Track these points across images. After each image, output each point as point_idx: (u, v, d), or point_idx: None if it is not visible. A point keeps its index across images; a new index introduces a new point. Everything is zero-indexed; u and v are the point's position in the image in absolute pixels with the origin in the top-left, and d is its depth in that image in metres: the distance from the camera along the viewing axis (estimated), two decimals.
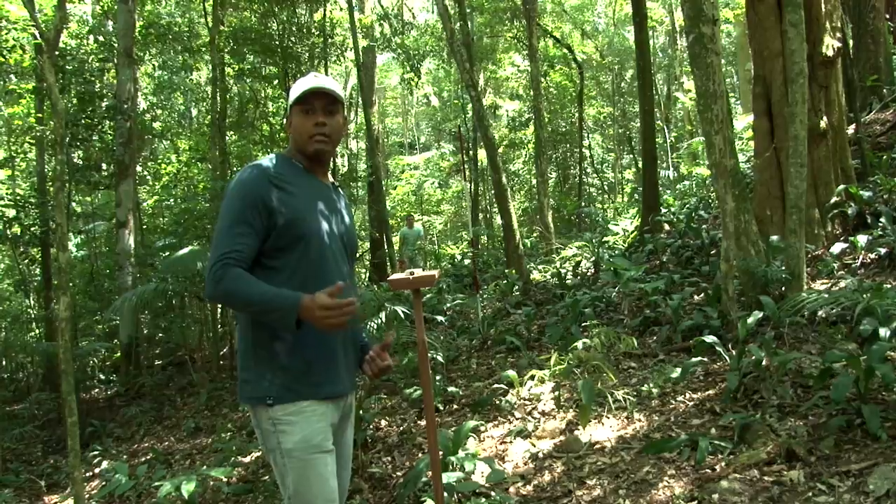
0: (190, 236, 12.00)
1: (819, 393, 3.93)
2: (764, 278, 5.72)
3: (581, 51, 22.03)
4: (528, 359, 6.31)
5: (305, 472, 2.13)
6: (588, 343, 5.72)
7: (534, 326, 7.68)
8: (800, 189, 5.62)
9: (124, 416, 8.72)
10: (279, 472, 2.17)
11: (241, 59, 14.29)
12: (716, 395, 4.49)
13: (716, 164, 5.72)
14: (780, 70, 7.00)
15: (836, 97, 7.34)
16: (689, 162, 19.94)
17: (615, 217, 17.13)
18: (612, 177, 24.98)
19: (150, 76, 17.40)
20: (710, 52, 5.72)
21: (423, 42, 19.71)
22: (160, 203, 15.36)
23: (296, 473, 2.13)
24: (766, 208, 7.32)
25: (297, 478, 2.13)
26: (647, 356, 5.83)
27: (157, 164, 16.40)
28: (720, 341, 4.99)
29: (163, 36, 13.75)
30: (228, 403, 8.26)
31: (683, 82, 23.09)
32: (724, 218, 5.69)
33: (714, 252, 8.04)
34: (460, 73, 10.59)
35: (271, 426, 2.14)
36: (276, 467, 2.17)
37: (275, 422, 2.13)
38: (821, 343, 4.97)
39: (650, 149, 10.84)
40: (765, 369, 4.34)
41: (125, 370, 10.42)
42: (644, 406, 4.65)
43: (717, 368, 5.01)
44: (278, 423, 2.13)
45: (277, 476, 2.19)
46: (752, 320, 4.95)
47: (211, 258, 2.09)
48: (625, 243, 11.22)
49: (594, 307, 7.45)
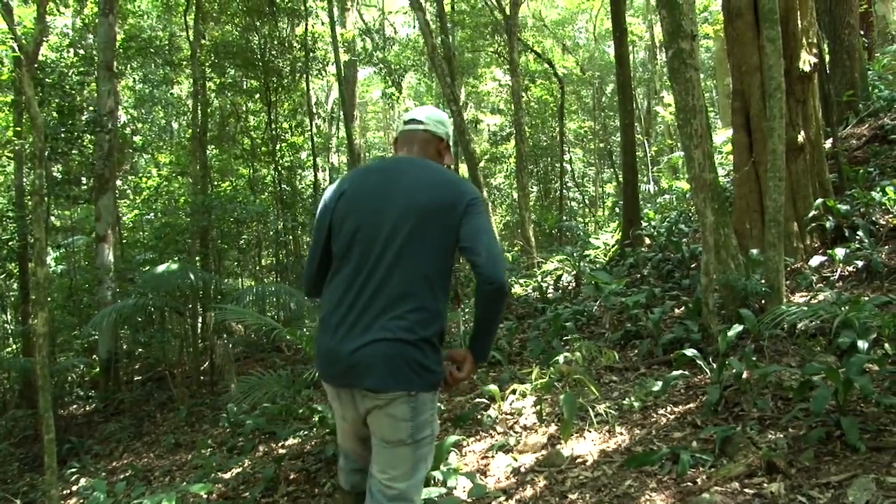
0: (171, 251, 11.96)
1: (799, 405, 3.95)
2: (744, 291, 5.74)
3: (562, 65, 22.17)
4: (510, 373, 6.28)
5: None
6: (569, 357, 5.70)
7: (515, 340, 7.66)
8: (778, 202, 5.67)
9: (103, 433, 8.62)
10: (423, 454, 2.47)
11: (222, 72, 14.30)
12: (697, 408, 4.50)
13: (695, 177, 5.76)
14: (758, 85, 7.08)
15: (814, 112, 7.42)
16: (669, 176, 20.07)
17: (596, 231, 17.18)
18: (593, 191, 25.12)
19: (131, 89, 17.34)
20: (689, 68, 5.77)
21: (404, 57, 19.78)
22: (140, 217, 15.27)
23: (431, 450, 2.54)
24: (745, 222, 7.37)
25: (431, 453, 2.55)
26: (629, 370, 5.83)
27: (138, 178, 16.35)
28: (701, 354, 5.01)
29: (144, 49, 13.72)
30: (209, 419, 8.19)
31: (663, 97, 23.29)
32: (704, 231, 5.73)
33: (694, 265, 8.07)
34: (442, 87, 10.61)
35: (433, 410, 2.47)
36: (421, 449, 2.44)
37: (434, 406, 2.48)
38: (800, 355, 5.00)
39: (631, 163, 10.89)
40: (745, 382, 4.36)
41: (104, 386, 10.32)
42: (626, 420, 4.64)
43: (697, 381, 5.02)
44: (435, 409, 2.49)
45: (416, 459, 2.45)
46: (732, 333, 4.96)
47: (502, 256, 2.43)
48: (606, 257, 11.24)
49: (575, 321, 7.45)
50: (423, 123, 2.74)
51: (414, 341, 2.36)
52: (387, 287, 2.39)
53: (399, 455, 2.42)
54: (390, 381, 2.34)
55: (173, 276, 8.46)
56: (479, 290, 2.39)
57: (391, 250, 2.41)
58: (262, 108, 15.45)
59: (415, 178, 2.50)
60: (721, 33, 14.99)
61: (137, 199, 15.72)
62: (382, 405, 2.38)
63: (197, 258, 12.14)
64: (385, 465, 2.44)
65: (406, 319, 2.37)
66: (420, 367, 2.37)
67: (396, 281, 2.39)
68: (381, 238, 2.43)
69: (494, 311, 2.44)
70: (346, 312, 2.42)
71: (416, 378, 2.36)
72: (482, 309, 2.44)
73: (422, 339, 2.37)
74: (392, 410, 2.37)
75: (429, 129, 2.74)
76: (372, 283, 2.40)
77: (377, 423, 2.42)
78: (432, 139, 2.75)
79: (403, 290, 2.38)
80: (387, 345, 2.34)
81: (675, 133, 20.58)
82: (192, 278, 8.75)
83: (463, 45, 19.95)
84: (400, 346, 2.35)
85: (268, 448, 6.05)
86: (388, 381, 2.34)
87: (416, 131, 2.74)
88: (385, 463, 2.44)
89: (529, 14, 23.29)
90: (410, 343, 2.35)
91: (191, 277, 8.72)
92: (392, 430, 2.40)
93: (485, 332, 2.50)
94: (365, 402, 2.41)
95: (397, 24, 23.51)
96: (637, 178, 11.28)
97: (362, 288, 2.41)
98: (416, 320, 2.37)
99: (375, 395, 2.37)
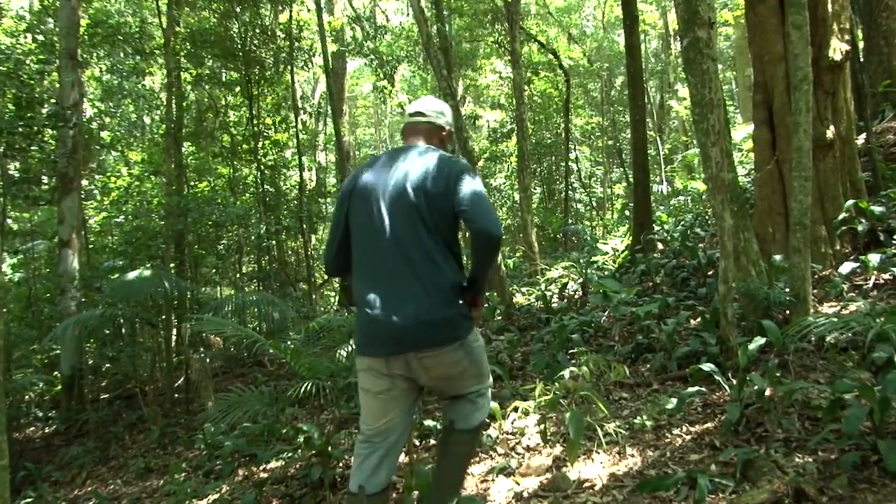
0: (142, 257, 11.90)
1: (829, 426, 3.89)
2: (766, 301, 5.71)
3: (567, 56, 22.20)
4: (511, 389, 6.24)
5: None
6: (576, 372, 5.66)
7: (517, 354, 7.62)
8: (804, 204, 5.63)
9: (64, 458, 8.53)
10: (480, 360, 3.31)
11: (198, 63, 14.25)
12: (715, 429, 4.45)
13: (712, 177, 5.71)
14: (782, 76, 7.04)
15: (845, 104, 7.38)
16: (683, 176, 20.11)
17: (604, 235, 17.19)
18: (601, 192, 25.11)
19: (98, 80, 17.26)
20: (706, 58, 5.73)
21: (397, 47, 19.77)
22: (109, 220, 15.19)
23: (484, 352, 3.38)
24: (767, 225, 7.34)
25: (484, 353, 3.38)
26: (640, 386, 5.78)
27: (106, 177, 16.26)
28: (719, 369, 4.95)
29: (111, 36, 13.65)
30: (183, 440, 8.12)
31: (678, 90, 23.35)
32: (722, 236, 5.68)
33: (711, 273, 8.03)
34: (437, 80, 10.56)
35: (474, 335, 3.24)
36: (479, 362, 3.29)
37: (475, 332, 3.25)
38: (830, 371, 4.95)
39: (642, 161, 10.87)
40: (768, 400, 4.31)
41: (66, 405, 10.22)
42: (637, 440, 4.60)
43: (716, 399, 4.98)
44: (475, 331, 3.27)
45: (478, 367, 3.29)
46: (753, 347, 4.91)
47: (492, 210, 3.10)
48: (615, 264, 11.23)
49: (582, 333, 7.40)
50: (425, 115, 3.44)
51: (447, 301, 3.03)
52: (413, 259, 3.03)
53: (466, 375, 3.25)
54: (442, 337, 3.03)
55: (145, 284, 8.41)
56: (476, 244, 3.05)
57: (409, 226, 3.05)
58: (243, 102, 15.43)
59: (420, 163, 3.16)
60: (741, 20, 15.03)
61: (105, 201, 15.65)
62: (441, 357, 3.06)
63: (171, 265, 12.10)
64: (459, 384, 3.28)
65: (436, 284, 3.02)
66: (460, 319, 3.10)
67: (419, 252, 3.03)
68: (398, 216, 3.07)
69: (490, 260, 3.13)
70: (384, 287, 3.04)
71: (459, 329, 3.09)
72: (479, 259, 3.11)
73: (451, 297, 3.06)
74: (449, 358, 3.09)
75: (430, 120, 3.44)
76: (400, 258, 3.03)
77: (438, 372, 3.12)
78: (434, 129, 3.45)
79: (427, 260, 3.03)
80: (432, 310, 2.99)
81: (691, 129, 20.61)
82: (166, 287, 8.69)
83: (461, 34, 19.97)
84: (439, 308, 3.00)
85: (248, 472, 5.99)
86: (440, 339, 3.03)
87: (419, 122, 3.44)
88: (458, 384, 3.28)
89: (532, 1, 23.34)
90: (445, 303, 3.02)
91: (164, 286, 8.66)
92: (454, 369, 3.15)
93: (482, 276, 3.19)
94: (423, 361, 3.05)
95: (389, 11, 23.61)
96: (649, 179, 11.28)
97: (392, 263, 3.04)
98: (443, 283, 3.04)
99: (433, 352, 3.03)
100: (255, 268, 16.39)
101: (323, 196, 17.92)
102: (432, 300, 2.99)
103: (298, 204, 15.59)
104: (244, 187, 16.70)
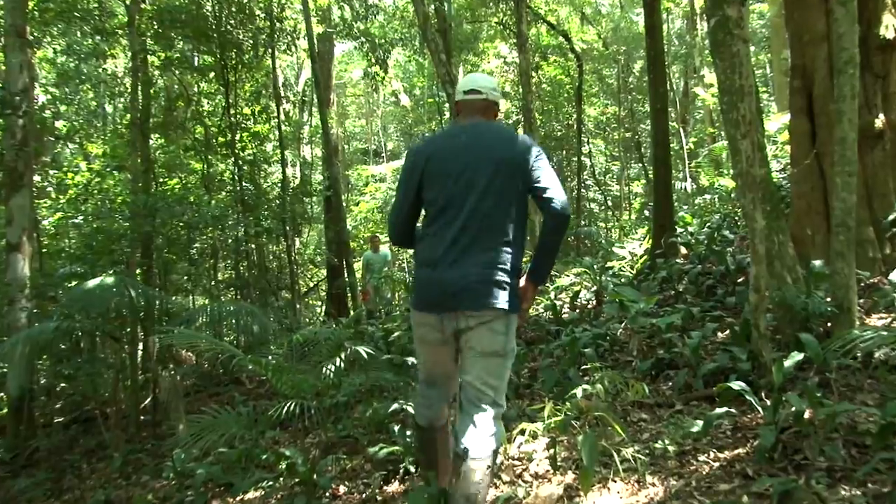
0: (104, 263, 11.85)
1: (880, 454, 3.86)
2: (804, 312, 5.69)
3: (580, 39, 22.25)
4: (518, 409, 6.22)
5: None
6: (589, 390, 5.65)
7: (524, 370, 7.61)
8: (848, 203, 5.60)
9: (10, 491, 8.47)
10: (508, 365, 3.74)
11: (168, 45, 14.22)
12: (747, 455, 4.43)
13: (743, 173, 5.69)
14: (824, 58, 7.02)
15: None
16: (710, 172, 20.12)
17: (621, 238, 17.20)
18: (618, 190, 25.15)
19: (51, 63, 17.20)
20: (736, 39, 5.70)
21: (390, 29, 19.83)
22: (65, 221, 15.10)
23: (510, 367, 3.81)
24: (805, 227, 7.32)
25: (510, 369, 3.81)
26: (662, 406, 5.77)
27: (62, 172, 16.15)
28: (751, 388, 4.92)
29: (66, 13, 13.59)
30: (149, 469, 8.07)
31: (704, 75, 23.29)
32: (754, 239, 5.65)
33: (741, 280, 8.03)
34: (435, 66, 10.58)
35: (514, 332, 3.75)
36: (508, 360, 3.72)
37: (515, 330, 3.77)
38: (879, 392, 4.93)
39: (663, 156, 10.87)
40: (808, 423, 4.28)
41: (13, 431, 10.13)
42: (658, 467, 4.57)
43: (747, 422, 4.96)
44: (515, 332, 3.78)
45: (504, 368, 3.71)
46: (790, 363, 4.89)
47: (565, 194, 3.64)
48: (633, 270, 11.22)
49: (596, 347, 7.39)
50: (481, 93, 3.94)
51: (505, 271, 3.60)
52: (480, 227, 3.60)
53: (492, 364, 3.63)
54: (490, 300, 3.54)
55: (107, 292, 8.37)
56: (549, 222, 3.60)
57: (480, 197, 3.61)
58: (219, 89, 15.44)
59: (490, 138, 3.75)
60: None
61: (61, 199, 15.55)
62: (485, 321, 3.57)
63: (137, 271, 12.05)
64: (480, 373, 3.64)
65: (499, 255, 3.60)
66: (511, 293, 3.61)
67: (488, 222, 3.61)
68: (471, 188, 3.63)
69: (558, 240, 3.68)
70: (448, 249, 3.61)
71: (507, 301, 3.58)
72: (549, 238, 3.66)
73: (510, 270, 3.62)
74: (491, 325, 3.58)
75: (487, 98, 3.96)
76: (468, 225, 3.60)
77: (477, 337, 3.60)
78: (491, 105, 3.99)
79: (495, 230, 3.62)
80: (486, 273, 3.56)
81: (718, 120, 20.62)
82: (132, 295, 8.64)
83: (461, 14, 20.02)
84: (496, 275, 3.57)
85: (223, 503, 5.96)
86: (488, 301, 3.54)
87: (476, 100, 3.96)
88: (480, 371, 3.64)
89: None
90: (503, 272, 3.59)
91: (129, 294, 8.62)
92: (490, 342, 3.60)
93: (549, 258, 3.76)
94: (469, 321, 3.59)
95: None
96: (671, 175, 11.27)
97: (460, 229, 3.61)
98: (505, 254, 3.62)
99: (479, 313, 3.56)
100: (233, 275, 16.37)
101: (308, 195, 17.91)
102: (490, 267, 3.57)
103: (281, 204, 15.58)
104: (220, 185, 16.70)
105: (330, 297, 17.60)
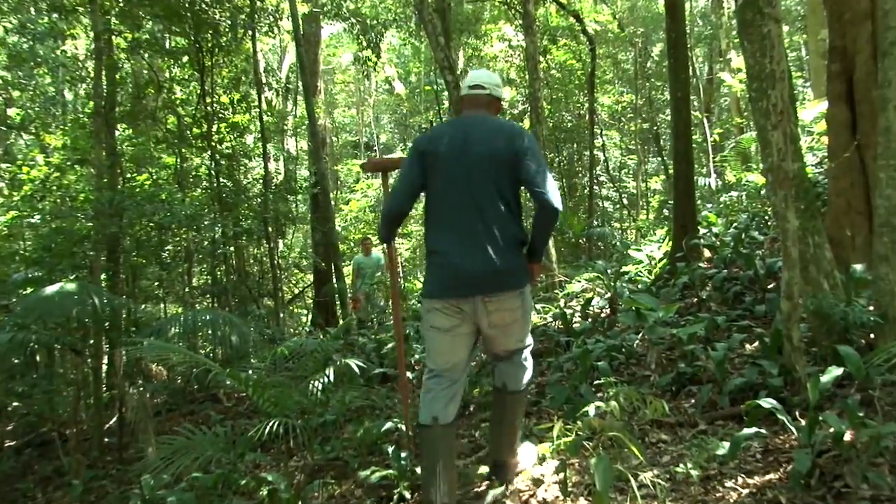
0: (64, 267, 11.83)
1: None
2: (843, 322, 5.67)
3: (593, 20, 22.25)
4: (524, 429, 6.21)
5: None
6: (603, 408, 5.63)
7: (531, 385, 7.60)
8: (893, 201, 5.58)
9: None
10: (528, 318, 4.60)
11: (135, 25, 14.18)
12: (780, 481, 4.42)
13: (773, 168, 5.67)
14: (867, 38, 6.99)
15: None
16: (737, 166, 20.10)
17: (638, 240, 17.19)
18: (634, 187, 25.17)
19: (2, 44, 17.14)
20: (767, 19, 5.68)
21: (383, 8, 19.84)
22: (19, 221, 15.04)
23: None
24: (844, 227, 7.31)
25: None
26: (683, 426, 5.76)
27: (16, 166, 16.10)
28: (783, 407, 4.90)
29: None
30: (114, 497, 8.06)
31: (731, 59, 23.31)
32: (786, 241, 5.64)
33: (772, 286, 8.02)
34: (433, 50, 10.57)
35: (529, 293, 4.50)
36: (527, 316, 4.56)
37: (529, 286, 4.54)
38: None
39: (684, 149, 10.86)
40: (849, 446, 4.26)
41: None
42: (680, 493, 4.56)
43: (779, 444, 4.95)
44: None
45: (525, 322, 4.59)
46: (827, 378, 4.86)
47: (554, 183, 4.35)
48: (651, 275, 11.21)
49: (610, 360, 7.38)
50: (485, 88, 4.67)
51: (513, 253, 4.34)
52: (486, 214, 4.30)
53: (517, 328, 4.54)
54: (507, 284, 4.32)
55: (67, 300, 8.37)
56: (540, 214, 4.33)
57: (483, 186, 4.31)
58: (193, 75, 15.44)
59: (489, 130, 4.44)
60: None
61: (15, 196, 15.51)
62: (503, 302, 4.32)
63: (102, 277, 12.02)
64: (508, 340, 4.58)
65: (504, 238, 4.30)
66: (522, 270, 4.44)
67: (491, 209, 4.31)
68: (474, 177, 4.32)
69: (549, 229, 4.43)
70: (460, 239, 4.31)
71: (521, 279, 4.41)
72: (538, 229, 4.44)
73: (517, 250, 4.40)
74: (510, 304, 4.36)
75: (491, 93, 4.70)
76: (475, 213, 4.30)
77: (498, 316, 4.36)
78: (493, 100, 4.73)
79: (498, 215, 4.31)
80: (500, 259, 4.26)
81: (747, 109, 20.63)
82: (95, 303, 8.65)
83: None
84: (506, 258, 4.29)
85: None
86: (505, 285, 4.31)
87: (480, 95, 4.68)
88: (508, 339, 4.56)
89: None
90: (511, 255, 4.33)
91: (93, 302, 8.62)
92: (511, 316, 4.41)
93: (542, 243, 4.53)
94: (488, 305, 4.30)
95: None
96: (693, 170, 11.25)
97: (469, 217, 4.31)
98: (510, 237, 4.33)
99: (499, 297, 4.29)
100: (209, 280, 16.38)
101: (293, 192, 17.92)
102: (501, 252, 4.27)
103: (262, 202, 15.59)
104: (195, 181, 16.71)
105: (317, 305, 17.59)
